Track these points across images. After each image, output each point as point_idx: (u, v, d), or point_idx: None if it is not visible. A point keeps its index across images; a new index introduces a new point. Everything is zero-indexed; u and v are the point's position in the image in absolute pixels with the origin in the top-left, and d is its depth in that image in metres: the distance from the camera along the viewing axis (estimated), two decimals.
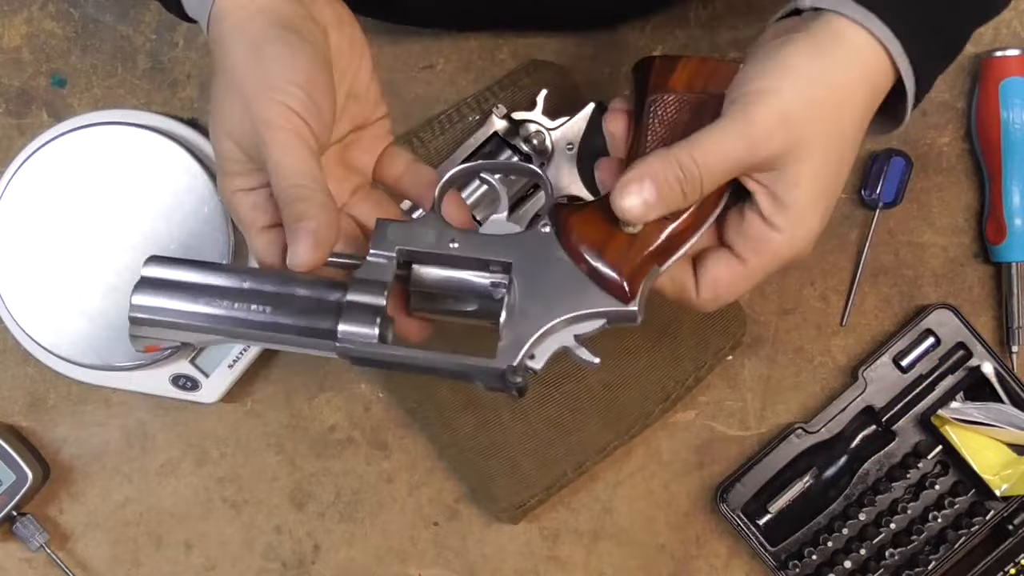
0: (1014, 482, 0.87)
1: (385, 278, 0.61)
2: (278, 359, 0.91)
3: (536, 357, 0.63)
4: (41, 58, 0.89)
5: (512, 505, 0.88)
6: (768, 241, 0.62)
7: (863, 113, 0.62)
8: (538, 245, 0.62)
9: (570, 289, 0.62)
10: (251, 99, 0.59)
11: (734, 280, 0.64)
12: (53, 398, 0.91)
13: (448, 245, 0.62)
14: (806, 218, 0.62)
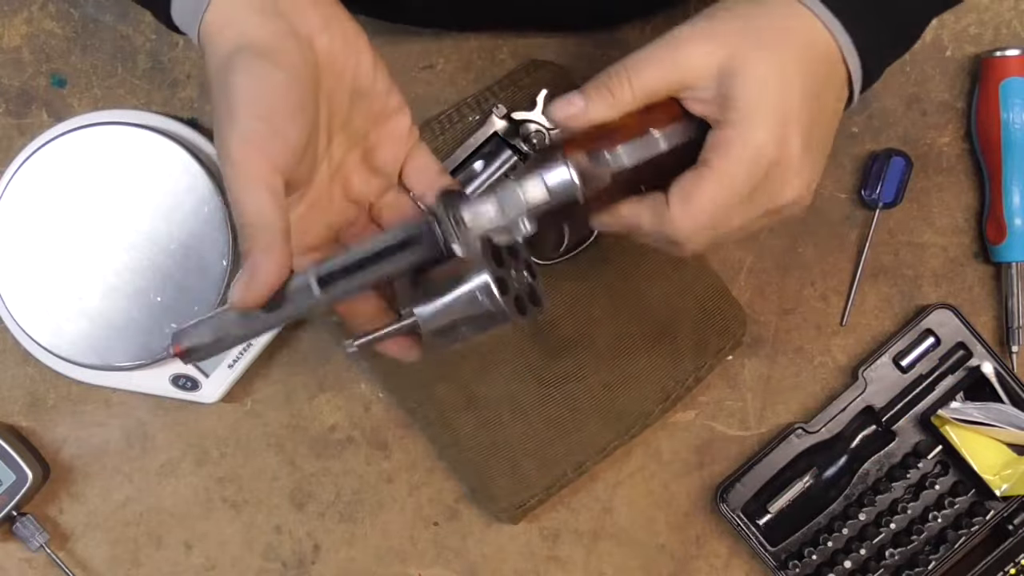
0: (1014, 482, 0.87)
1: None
2: (278, 359, 0.91)
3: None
4: (41, 58, 0.89)
5: (512, 505, 0.88)
6: (726, 140, 0.62)
7: (811, 55, 0.63)
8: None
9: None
10: (217, 133, 0.60)
11: (704, 187, 0.62)
12: (53, 398, 0.91)
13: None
14: (761, 114, 0.61)
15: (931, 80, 0.89)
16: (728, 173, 0.62)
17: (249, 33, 0.60)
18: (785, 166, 0.62)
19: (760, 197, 0.63)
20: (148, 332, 0.85)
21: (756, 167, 0.62)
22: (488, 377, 0.87)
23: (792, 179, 0.63)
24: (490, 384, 0.87)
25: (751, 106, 0.61)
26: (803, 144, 0.62)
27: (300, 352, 0.91)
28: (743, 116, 0.61)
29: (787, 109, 0.62)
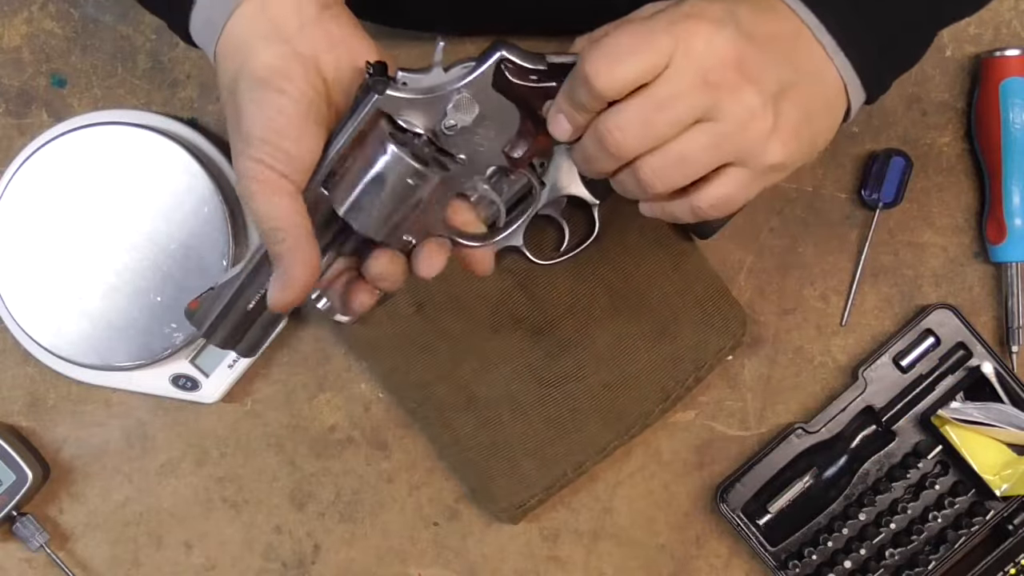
0: (1014, 482, 0.87)
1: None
2: (278, 359, 0.91)
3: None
4: (41, 58, 0.89)
5: (512, 505, 0.88)
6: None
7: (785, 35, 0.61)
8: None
9: None
10: (233, 157, 0.62)
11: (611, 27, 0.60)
12: (53, 398, 0.91)
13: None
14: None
15: (931, 80, 0.89)
16: (636, 14, 0.61)
17: (253, 59, 0.62)
18: (697, 20, 0.58)
19: (684, 37, 0.57)
20: (148, 332, 0.86)
21: (675, 8, 0.59)
22: (488, 377, 0.87)
23: (704, 30, 0.57)
24: (490, 384, 0.87)
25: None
26: (729, 19, 0.58)
27: (300, 352, 0.91)
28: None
29: (726, 6, 0.59)
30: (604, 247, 0.86)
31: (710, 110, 0.58)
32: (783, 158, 0.60)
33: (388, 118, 0.62)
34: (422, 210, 0.63)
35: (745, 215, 0.85)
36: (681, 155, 0.59)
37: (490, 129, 0.63)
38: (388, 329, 0.87)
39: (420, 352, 0.87)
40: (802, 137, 0.61)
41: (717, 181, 0.61)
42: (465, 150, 0.63)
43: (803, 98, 0.60)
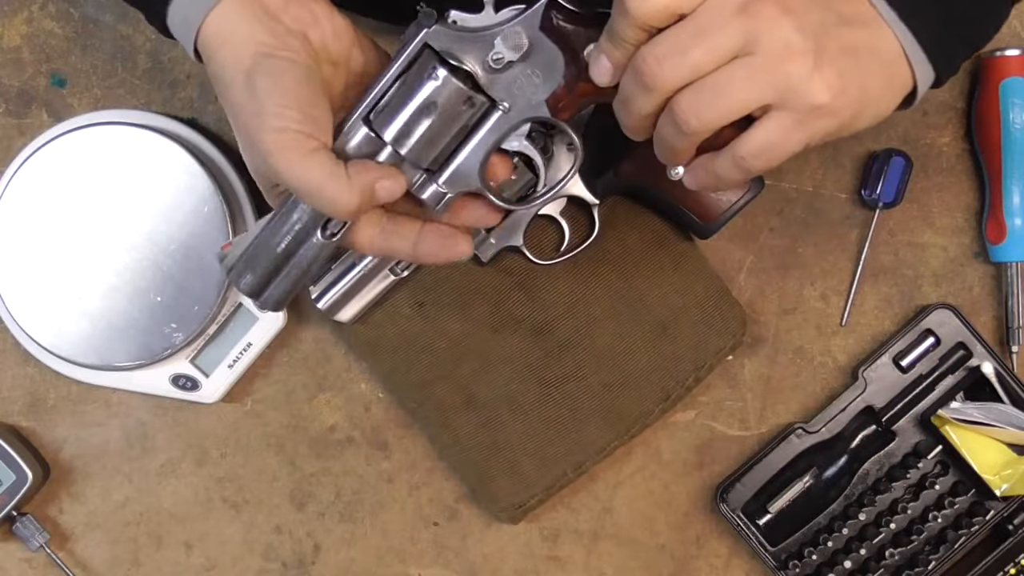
0: (1014, 482, 0.87)
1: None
2: (278, 359, 0.91)
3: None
4: (41, 58, 0.89)
5: (512, 505, 0.88)
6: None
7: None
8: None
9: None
10: (255, 137, 0.61)
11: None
12: (53, 398, 0.91)
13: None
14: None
15: None
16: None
17: (250, 40, 0.62)
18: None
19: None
20: (148, 332, 0.86)
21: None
22: (488, 377, 0.87)
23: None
24: (490, 384, 0.87)
25: None
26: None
27: (300, 352, 0.91)
28: None
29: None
30: (604, 247, 0.86)
31: (748, 42, 0.57)
32: (827, 100, 0.58)
33: (436, 53, 0.63)
34: (467, 154, 0.65)
35: (745, 215, 0.85)
36: (717, 86, 0.57)
37: (534, 75, 0.64)
38: (388, 329, 0.87)
39: (420, 352, 0.87)
40: (849, 82, 0.58)
41: (759, 126, 0.59)
42: (508, 97, 0.64)
43: (851, 43, 0.58)
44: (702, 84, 0.58)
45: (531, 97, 0.65)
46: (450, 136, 0.64)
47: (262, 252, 0.66)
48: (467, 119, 0.64)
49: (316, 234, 0.65)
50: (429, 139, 0.64)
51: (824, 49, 0.58)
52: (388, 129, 0.63)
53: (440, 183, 0.65)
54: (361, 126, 0.63)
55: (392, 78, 0.63)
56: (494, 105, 0.65)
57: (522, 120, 0.65)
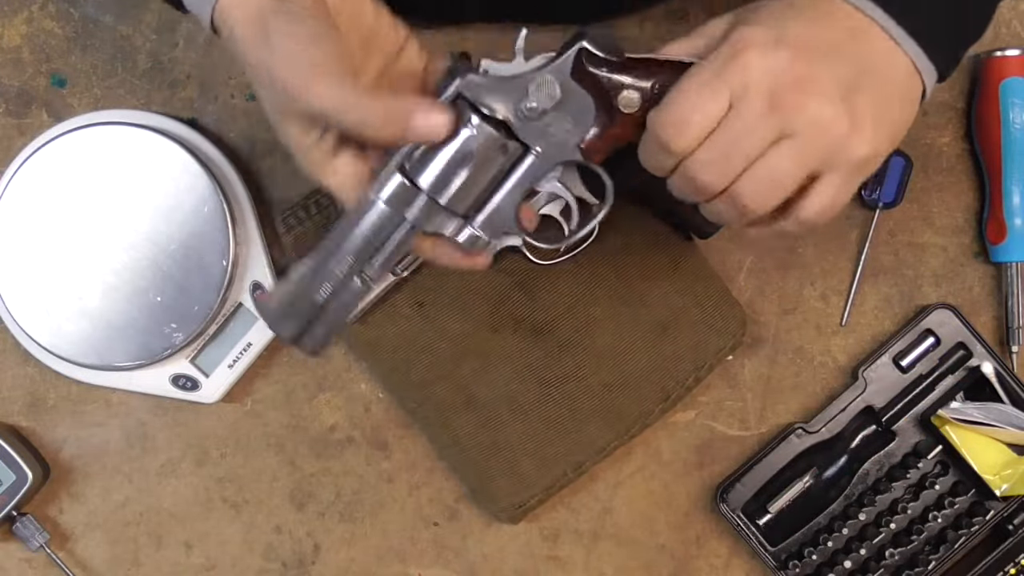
0: (1014, 482, 0.87)
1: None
2: (278, 359, 0.91)
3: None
4: (41, 58, 0.89)
5: (512, 505, 0.89)
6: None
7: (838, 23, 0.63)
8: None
9: None
10: (283, 78, 0.61)
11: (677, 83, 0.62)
12: (53, 398, 0.91)
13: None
14: (747, 24, 0.62)
15: None
16: (697, 64, 0.62)
17: (271, 3, 0.62)
18: (746, 52, 0.60)
19: (736, 74, 0.60)
20: (148, 332, 0.86)
21: (725, 45, 0.61)
22: (488, 377, 0.87)
23: (756, 59, 0.60)
24: (490, 384, 0.87)
25: (742, 21, 0.63)
26: (784, 41, 0.61)
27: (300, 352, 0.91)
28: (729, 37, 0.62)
29: (781, 21, 0.61)
30: (604, 247, 0.86)
31: (784, 130, 0.60)
32: (869, 151, 0.62)
33: (469, 103, 0.64)
34: (501, 199, 0.66)
35: None
36: (770, 176, 0.61)
37: (566, 120, 0.66)
38: (388, 329, 0.87)
39: (420, 352, 0.87)
40: (882, 126, 0.62)
41: (814, 192, 0.62)
42: (541, 142, 0.66)
43: (875, 89, 0.62)
44: (755, 176, 0.61)
45: (564, 142, 0.66)
46: (485, 182, 0.66)
47: (300, 300, 0.67)
48: (501, 165, 0.66)
49: (354, 280, 0.66)
50: (465, 186, 0.65)
51: (856, 108, 0.61)
52: (423, 177, 0.65)
53: (476, 227, 0.67)
54: (397, 175, 0.65)
55: None
56: (527, 150, 0.66)
57: (555, 164, 0.67)
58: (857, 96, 0.61)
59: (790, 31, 0.61)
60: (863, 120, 0.61)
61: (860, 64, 0.62)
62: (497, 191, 0.66)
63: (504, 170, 0.66)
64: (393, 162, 0.64)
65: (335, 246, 0.66)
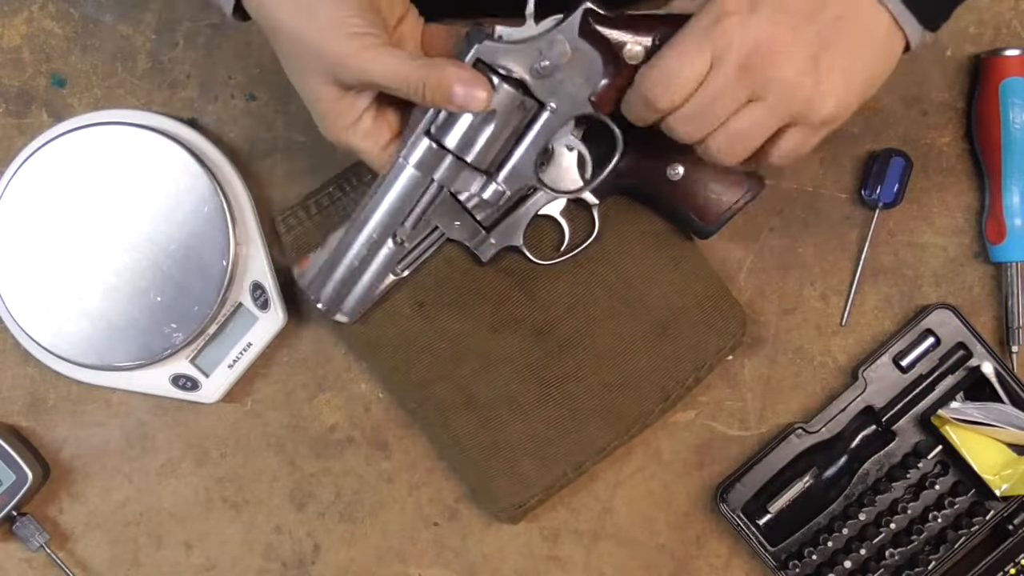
0: (1014, 482, 0.87)
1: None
2: (278, 359, 0.91)
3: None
4: (41, 58, 0.89)
5: (512, 505, 0.88)
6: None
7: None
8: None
9: None
10: (326, 46, 0.66)
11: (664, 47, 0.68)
12: (53, 398, 0.91)
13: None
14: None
15: (931, 80, 0.89)
16: (684, 27, 0.67)
17: None
18: (726, 18, 0.65)
19: (718, 37, 0.65)
20: (148, 332, 0.86)
21: (709, 7, 0.66)
22: (488, 377, 0.87)
23: (732, 26, 0.65)
24: (490, 384, 0.87)
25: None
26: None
27: (300, 352, 0.91)
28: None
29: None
30: (604, 247, 0.86)
31: (756, 90, 0.66)
32: (833, 108, 0.67)
33: (487, 66, 0.70)
34: (520, 154, 0.72)
35: (745, 215, 0.85)
36: (740, 131, 0.67)
37: (577, 75, 0.71)
38: (388, 329, 0.87)
39: (420, 352, 0.87)
40: (852, 82, 0.67)
41: (781, 140, 0.68)
42: (555, 98, 0.71)
43: (846, 48, 0.66)
44: (727, 130, 0.67)
45: (576, 96, 0.71)
46: (505, 139, 0.71)
47: (336, 265, 0.73)
48: (519, 121, 0.71)
49: (387, 242, 0.73)
50: (488, 144, 0.71)
51: (822, 68, 0.65)
52: (450, 138, 0.71)
53: (499, 182, 0.73)
54: (424, 139, 0.71)
55: None
56: (543, 107, 0.71)
57: (569, 118, 0.72)
58: (825, 55, 0.65)
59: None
60: (830, 79, 0.65)
61: (833, 23, 0.65)
62: (517, 147, 0.72)
63: (522, 126, 0.72)
64: (420, 127, 0.70)
65: (369, 211, 0.73)
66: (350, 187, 0.86)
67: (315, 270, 0.74)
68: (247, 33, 0.89)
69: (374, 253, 0.73)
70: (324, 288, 0.74)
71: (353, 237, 0.73)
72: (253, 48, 0.89)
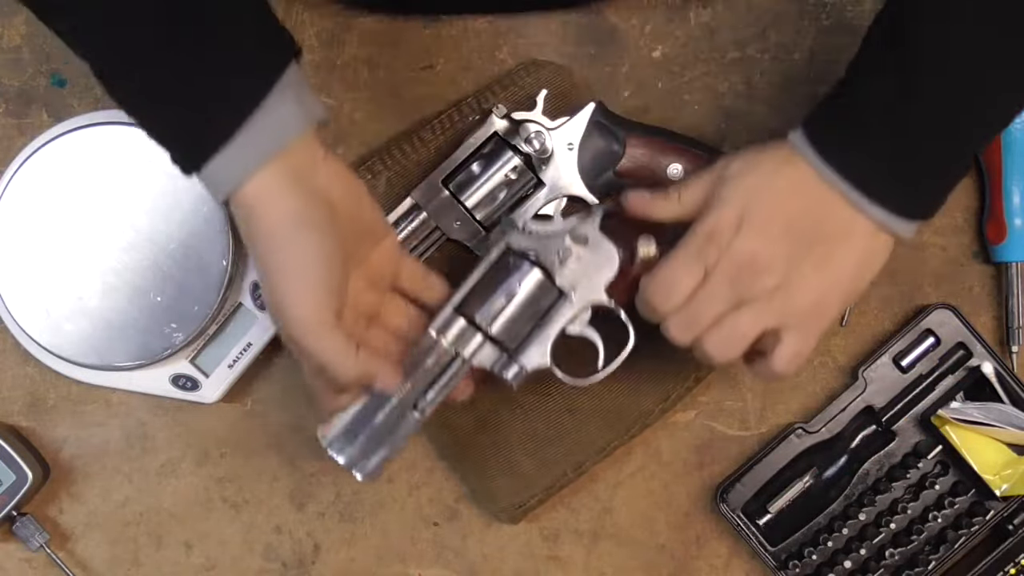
0: (1014, 482, 0.87)
1: None
2: (278, 359, 0.91)
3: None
4: (41, 58, 0.89)
5: (512, 505, 0.88)
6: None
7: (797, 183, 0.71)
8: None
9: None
10: (281, 306, 0.69)
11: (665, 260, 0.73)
12: (53, 398, 0.91)
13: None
14: (720, 200, 0.72)
15: None
16: (682, 242, 0.73)
17: (288, 210, 0.67)
18: (724, 230, 0.71)
19: (710, 254, 0.71)
20: (148, 332, 0.86)
21: (701, 228, 0.72)
22: None
23: (722, 244, 0.71)
24: None
25: (717, 197, 0.72)
26: (752, 225, 0.71)
27: None
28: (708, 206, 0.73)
29: (747, 200, 0.71)
30: None
31: (742, 297, 0.71)
32: (813, 307, 0.72)
33: (517, 254, 0.77)
34: (540, 336, 0.77)
35: None
36: (729, 333, 0.72)
37: (595, 265, 0.77)
38: None
39: None
40: (834, 285, 0.72)
41: (779, 348, 0.73)
42: (574, 287, 0.77)
43: (827, 254, 0.71)
44: (722, 332, 0.72)
45: (593, 286, 0.77)
46: (527, 320, 0.76)
47: (361, 429, 0.76)
48: (541, 305, 0.77)
49: (410, 412, 0.76)
50: (512, 321, 0.76)
51: (801, 271, 0.71)
52: (479, 315, 0.76)
53: (519, 361, 0.77)
54: (460, 319, 0.76)
55: (480, 274, 0.77)
56: (563, 294, 0.77)
57: (586, 306, 0.77)
58: (805, 264, 0.71)
59: (754, 210, 0.71)
60: (810, 283, 0.71)
61: (815, 233, 0.71)
62: (537, 329, 0.77)
63: (542, 311, 0.77)
64: (451, 303, 0.76)
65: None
66: None
67: (337, 431, 0.76)
68: None
69: (395, 420, 0.76)
70: (345, 448, 0.76)
71: (375, 405, 0.76)
72: None
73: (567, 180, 0.84)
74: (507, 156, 0.84)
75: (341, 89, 0.89)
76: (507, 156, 0.84)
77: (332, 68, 0.89)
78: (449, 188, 0.84)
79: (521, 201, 0.84)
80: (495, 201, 0.84)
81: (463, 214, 0.84)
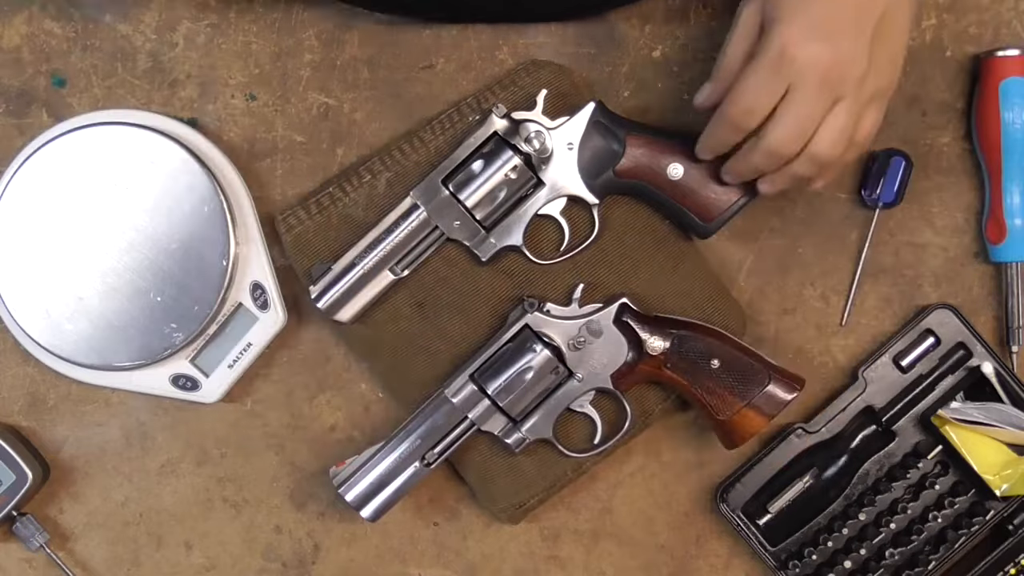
0: (1014, 482, 0.87)
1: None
2: (278, 359, 0.91)
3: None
4: (41, 58, 0.89)
5: (512, 505, 0.88)
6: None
7: None
8: None
9: None
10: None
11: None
12: (53, 398, 0.91)
13: None
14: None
15: (931, 80, 0.89)
16: (751, 66, 0.75)
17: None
18: (792, 49, 0.73)
19: (788, 71, 0.74)
20: (148, 332, 0.86)
21: (770, 48, 0.74)
22: None
23: (798, 55, 0.73)
24: None
25: (770, 19, 0.75)
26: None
27: (300, 352, 0.91)
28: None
29: (802, 9, 0.73)
30: (603, 249, 0.86)
31: (836, 95, 0.74)
32: (892, 78, 0.77)
33: (533, 333, 0.84)
34: (544, 409, 0.85)
35: (745, 215, 0.85)
36: (836, 130, 0.75)
37: (604, 354, 0.84)
38: (388, 329, 0.87)
39: (420, 352, 0.87)
40: (898, 51, 0.77)
41: (863, 124, 0.76)
42: (582, 369, 0.84)
43: (888, 33, 0.75)
44: (827, 134, 0.75)
45: (600, 372, 0.84)
46: (535, 394, 0.84)
47: (370, 473, 0.84)
48: (550, 383, 0.84)
49: (416, 463, 0.84)
50: (521, 394, 0.84)
51: (877, 58, 0.74)
52: (491, 385, 0.84)
53: (523, 431, 0.85)
54: (471, 384, 0.84)
55: (496, 347, 0.84)
56: (572, 375, 0.84)
57: (590, 389, 0.84)
58: (877, 47, 0.74)
59: (815, 16, 0.73)
60: (883, 66, 0.75)
61: (869, 10, 0.74)
62: (542, 404, 0.84)
63: (551, 387, 0.84)
64: (467, 372, 0.84)
65: (406, 432, 0.84)
66: (350, 187, 0.86)
67: (348, 473, 0.84)
68: (247, 33, 0.89)
69: (403, 468, 0.84)
70: (353, 488, 0.84)
71: (386, 452, 0.84)
72: (253, 48, 0.89)
73: (567, 180, 0.84)
74: (507, 156, 0.83)
75: (341, 89, 0.89)
76: (507, 156, 0.83)
77: (332, 68, 0.89)
78: (449, 187, 0.84)
79: (521, 201, 0.84)
80: (495, 200, 0.84)
81: (463, 213, 0.84)
